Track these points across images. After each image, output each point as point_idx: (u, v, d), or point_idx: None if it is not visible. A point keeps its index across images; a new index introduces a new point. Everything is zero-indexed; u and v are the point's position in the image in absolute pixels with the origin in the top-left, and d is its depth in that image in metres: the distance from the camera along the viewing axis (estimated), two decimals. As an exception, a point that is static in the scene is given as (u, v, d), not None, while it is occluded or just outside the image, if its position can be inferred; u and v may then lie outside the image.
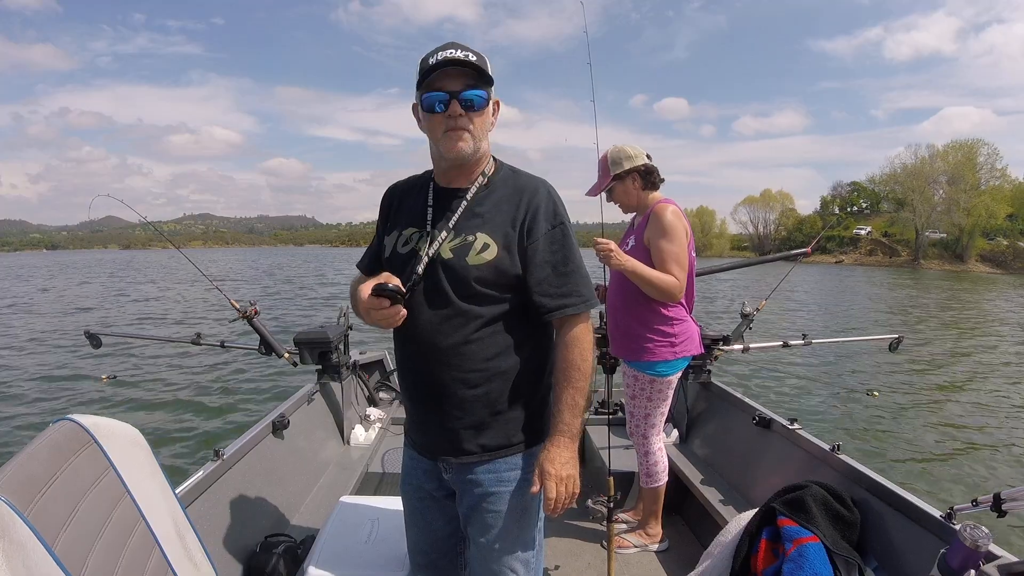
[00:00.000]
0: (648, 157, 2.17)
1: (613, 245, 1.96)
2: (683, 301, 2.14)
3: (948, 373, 8.48)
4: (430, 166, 1.31)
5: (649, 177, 2.15)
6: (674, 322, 2.13)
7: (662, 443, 2.33)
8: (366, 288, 1.12)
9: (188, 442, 5.14)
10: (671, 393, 2.25)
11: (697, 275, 2.29)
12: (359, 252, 1.46)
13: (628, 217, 2.35)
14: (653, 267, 2.06)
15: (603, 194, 2.22)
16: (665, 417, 2.31)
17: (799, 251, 3.56)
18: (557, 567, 2.24)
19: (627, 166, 2.12)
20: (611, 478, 2.01)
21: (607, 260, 1.94)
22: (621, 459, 2.63)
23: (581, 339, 1.22)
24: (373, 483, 2.69)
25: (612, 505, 2.00)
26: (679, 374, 2.23)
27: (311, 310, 14.90)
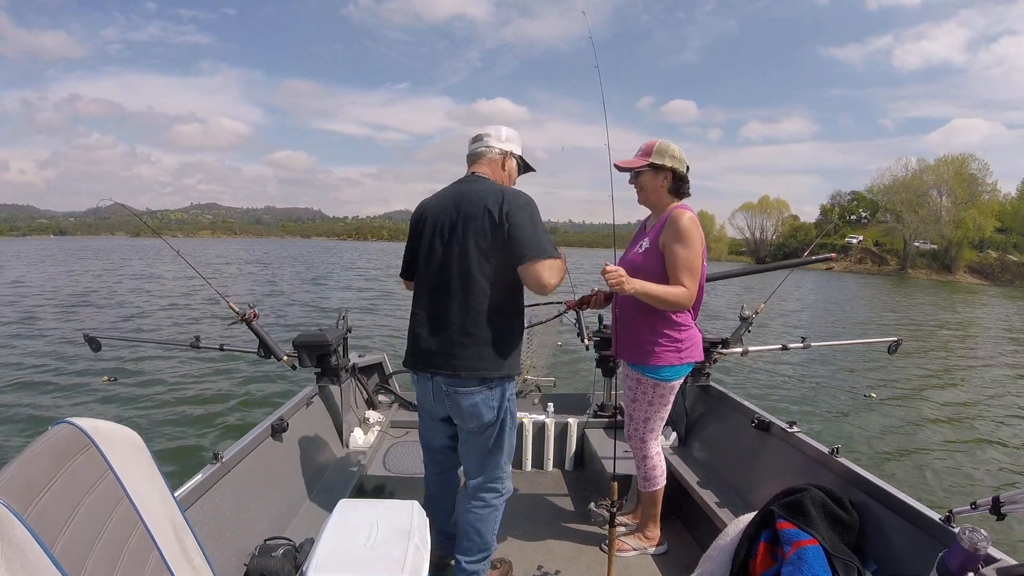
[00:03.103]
0: (687, 169, 2.17)
1: (623, 274, 1.92)
2: (690, 308, 2.14)
3: (946, 375, 8.48)
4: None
5: (680, 183, 2.16)
6: (681, 328, 2.13)
7: (660, 447, 2.33)
8: None
9: (187, 445, 5.13)
10: (672, 399, 2.25)
11: (708, 279, 2.26)
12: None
13: (635, 220, 2.35)
14: (665, 271, 2.06)
15: (612, 198, 2.19)
16: (664, 422, 2.31)
17: (825, 256, 3.17)
18: (558, 572, 2.24)
19: (668, 163, 2.12)
20: (614, 483, 2.00)
21: (621, 290, 1.92)
22: (621, 462, 2.63)
23: None
24: (372, 486, 2.68)
25: (615, 509, 1.99)
26: (682, 380, 2.23)
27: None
